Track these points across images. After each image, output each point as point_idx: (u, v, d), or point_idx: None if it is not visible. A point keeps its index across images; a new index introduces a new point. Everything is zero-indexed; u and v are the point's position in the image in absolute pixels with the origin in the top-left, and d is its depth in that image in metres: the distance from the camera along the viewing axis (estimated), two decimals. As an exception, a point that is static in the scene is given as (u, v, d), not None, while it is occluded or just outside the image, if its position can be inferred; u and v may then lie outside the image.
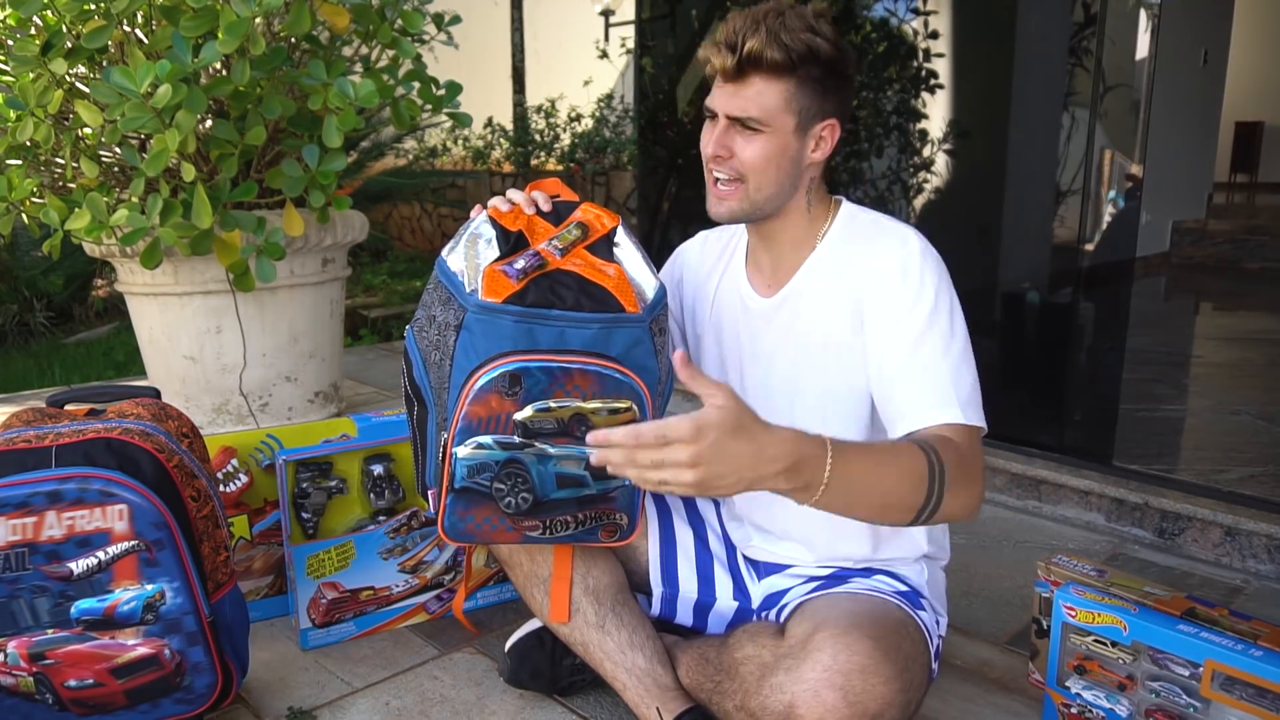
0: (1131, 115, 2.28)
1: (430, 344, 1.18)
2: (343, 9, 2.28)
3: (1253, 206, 6.97)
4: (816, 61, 1.18)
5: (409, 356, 1.24)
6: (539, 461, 1.15)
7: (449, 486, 1.16)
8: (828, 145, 1.24)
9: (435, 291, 1.20)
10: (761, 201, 1.24)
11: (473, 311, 1.12)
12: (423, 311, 1.22)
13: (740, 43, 1.17)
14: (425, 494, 1.26)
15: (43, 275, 5.70)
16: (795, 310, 1.29)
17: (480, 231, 1.20)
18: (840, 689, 1.04)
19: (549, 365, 1.11)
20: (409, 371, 1.24)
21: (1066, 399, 2.37)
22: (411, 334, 1.24)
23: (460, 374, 1.12)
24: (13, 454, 1.21)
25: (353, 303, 5.26)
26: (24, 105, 2.11)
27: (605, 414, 1.15)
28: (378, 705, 1.46)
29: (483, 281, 1.13)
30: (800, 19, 1.17)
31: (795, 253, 1.30)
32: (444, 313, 1.17)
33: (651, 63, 3.59)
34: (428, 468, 1.23)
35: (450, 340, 1.14)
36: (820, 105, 1.21)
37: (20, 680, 1.25)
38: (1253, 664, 1.15)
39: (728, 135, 1.22)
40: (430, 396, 1.19)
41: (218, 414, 2.56)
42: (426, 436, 1.21)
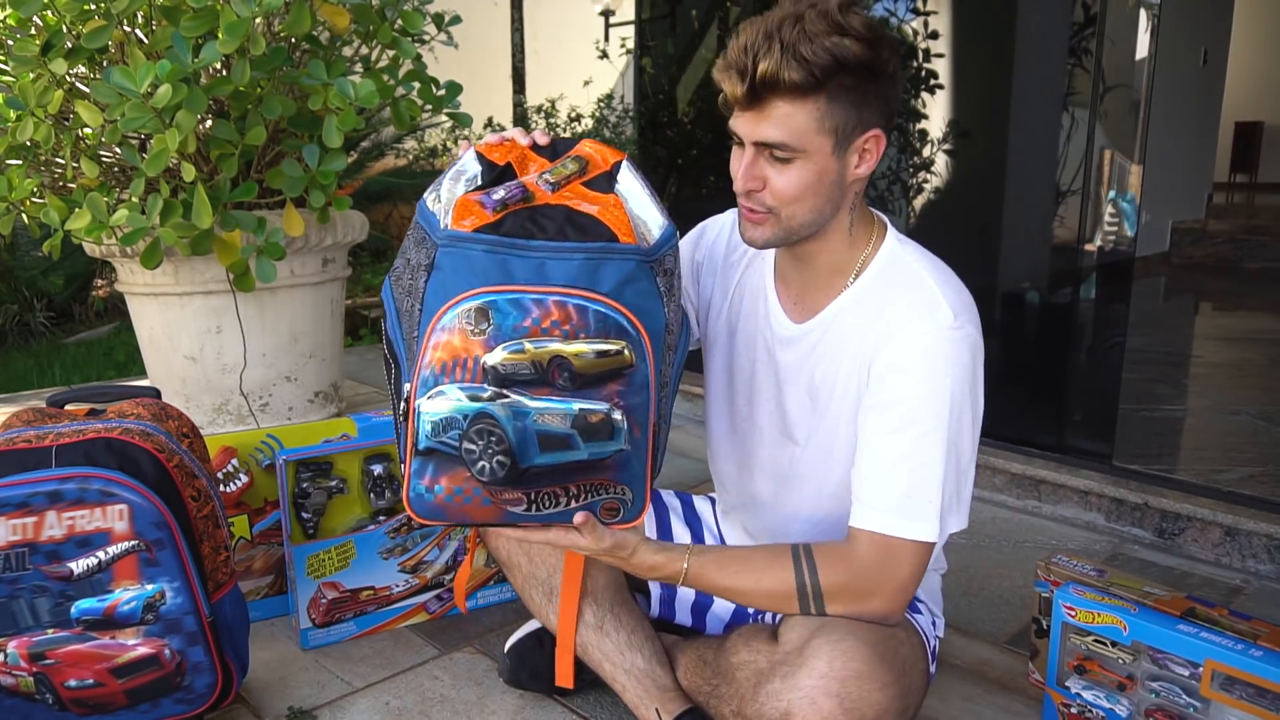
0: (1131, 115, 2.27)
1: (404, 290, 1.04)
2: (343, 9, 2.28)
3: (1252, 206, 6.97)
4: (846, 69, 1.03)
5: (384, 308, 1.10)
6: (515, 417, 0.97)
7: (414, 446, 0.98)
8: (873, 158, 1.11)
9: (412, 234, 1.06)
10: (797, 228, 1.14)
11: (442, 245, 0.97)
12: (400, 259, 1.07)
13: (751, 66, 1.03)
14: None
15: (43, 275, 5.71)
16: (816, 347, 1.22)
17: (464, 168, 1.05)
18: (837, 696, 1.03)
19: (519, 297, 0.95)
20: (383, 330, 1.10)
21: (1066, 399, 2.37)
22: (388, 284, 1.09)
23: (428, 317, 0.97)
24: (13, 454, 1.21)
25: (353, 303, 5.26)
26: (24, 105, 2.11)
27: (591, 356, 0.97)
28: (378, 705, 1.46)
29: (453, 211, 0.99)
30: (824, 20, 1.02)
31: (830, 280, 1.20)
32: (417, 254, 1.02)
33: (651, 63, 3.59)
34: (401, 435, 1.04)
35: (421, 282, 0.99)
36: (859, 116, 1.07)
37: (20, 680, 1.25)
38: (1253, 664, 1.15)
39: (756, 164, 1.10)
40: (402, 350, 1.04)
41: (218, 414, 2.56)
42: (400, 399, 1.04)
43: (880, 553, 1.11)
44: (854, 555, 1.12)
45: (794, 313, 1.25)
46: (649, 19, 3.60)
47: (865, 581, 1.11)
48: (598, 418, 0.99)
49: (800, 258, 1.22)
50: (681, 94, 3.45)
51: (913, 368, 1.10)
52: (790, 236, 1.15)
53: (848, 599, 1.11)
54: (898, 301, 1.14)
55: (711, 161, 3.38)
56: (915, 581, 1.12)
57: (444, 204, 1.02)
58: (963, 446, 1.13)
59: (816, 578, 1.11)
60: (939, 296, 1.12)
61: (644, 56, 3.62)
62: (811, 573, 1.11)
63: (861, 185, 1.16)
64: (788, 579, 1.12)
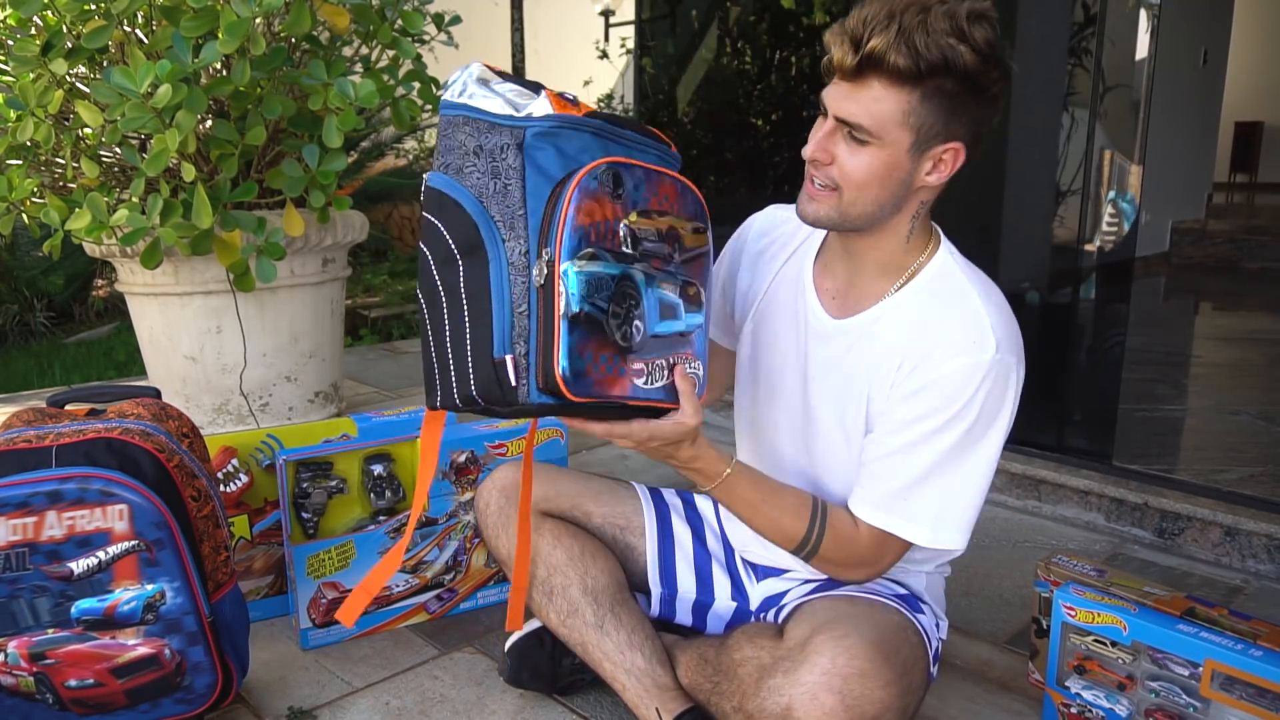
0: (1131, 115, 2.28)
1: (483, 175, 1.02)
2: (343, 9, 2.28)
3: (1252, 206, 6.98)
4: (951, 73, 1.02)
5: (448, 199, 1.04)
6: (647, 281, 1.04)
7: (562, 314, 0.97)
8: (947, 170, 1.10)
9: (465, 128, 1.03)
10: (854, 216, 1.12)
11: (541, 127, 0.99)
12: (451, 155, 1.05)
13: (865, 38, 1.02)
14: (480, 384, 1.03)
15: (43, 275, 5.71)
16: (853, 347, 1.20)
17: (485, 76, 1.06)
18: (838, 692, 1.04)
19: (643, 170, 1.03)
20: (448, 220, 1.04)
21: (1066, 399, 2.37)
22: (447, 179, 1.05)
23: (543, 183, 0.99)
24: (13, 454, 1.21)
25: (353, 303, 5.26)
26: (24, 105, 2.11)
27: (690, 232, 1.08)
28: (378, 705, 1.46)
29: (550, 101, 1.02)
30: (948, 19, 1.01)
31: (878, 280, 1.19)
32: (491, 138, 1.01)
33: (651, 63, 3.59)
34: (495, 329, 1.01)
35: (513, 160, 1.00)
36: (946, 124, 1.06)
37: (20, 680, 1.25)
38: (1252, 664, 1.15)
39: (832, 139, 1.09)
40: (497, 231, 1.01)
41: (218, 414, 2.56)
42: (490, 289, 1.02)
43: (877, 544, 1.19)
44: (857, 539, 1.20)
45: (832, 308, 1.24)
46: (649, 19, 3.60)
47: (856, 561, 1.21)
48: (693, 290, 1.10)
49: (850, 252, 1.21)
50: (681, 94, 3.45)
51: (945, 390, 1.11)
52: (845, 222, 1.14)
53: (835, 567, 1.23)
54: (946, 322, 1.13)
55: (712, 161, 3.38)
56: (891, 566, 1.23)
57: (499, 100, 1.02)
58: (975, 471, 1.15)
59: (821, 541, 1.20)
60: (986, 324, 1.11)
61: (644, 56, 3.62)
62: (819, 537, 1.20)
63: (930, 195, 1.15)
64: (799, 531, 1.20)
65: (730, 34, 3.26)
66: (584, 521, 1.45)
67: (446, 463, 1.68)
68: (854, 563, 1.21)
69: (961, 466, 1.14)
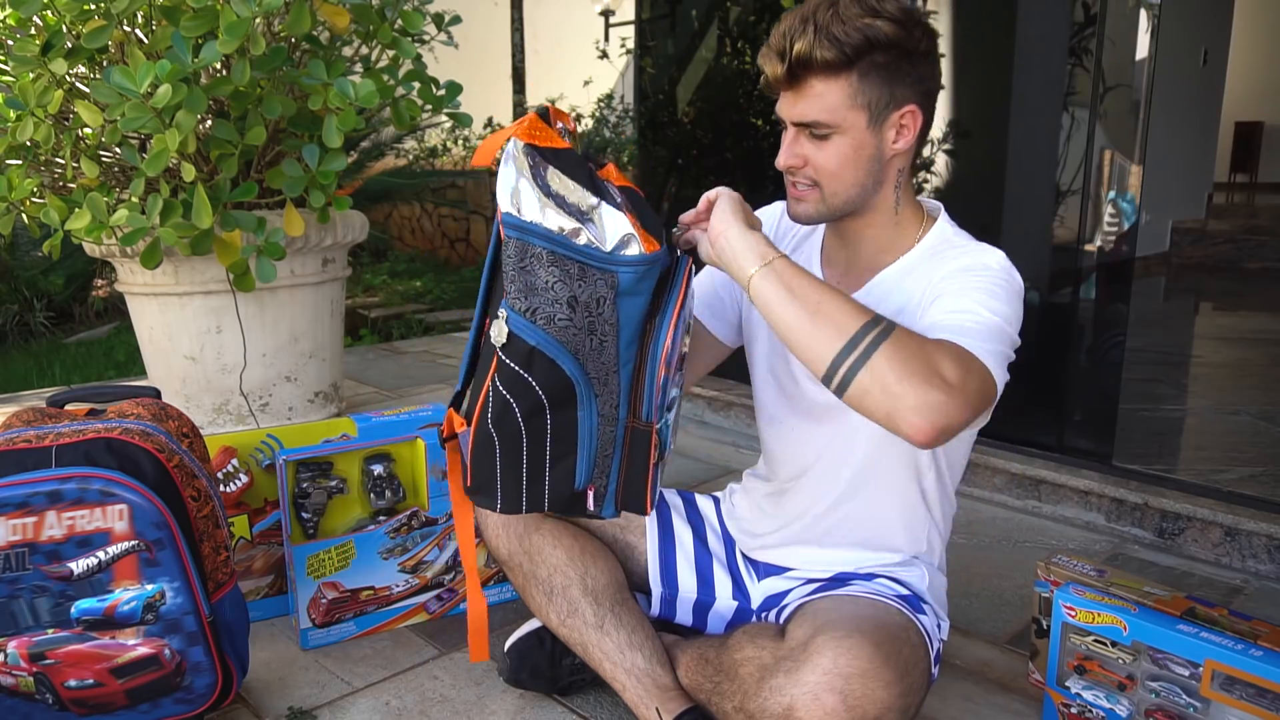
0: (1131, 115, 2.27)
1: (580, 330, 1.02)
2: (343, 9, 2.28)
3: (1252, 206, 6.98)
4: (878, 48, 1.08)
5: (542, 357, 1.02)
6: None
7: (655, 462, 1.08)
8: (910, 133, 1.15)
9: (551, 268, 1.00)
10: (840, 204, 1.18)
11: (634, 270, 1.01)
12: (538, 299, 1.01)
13: (788, 47, 1.09)
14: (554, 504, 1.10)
15: (43, 275, 5.71)
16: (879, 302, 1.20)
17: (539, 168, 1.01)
18: (840, 692, 1.04)
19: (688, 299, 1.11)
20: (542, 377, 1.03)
21: (1066, 399, 2.37)
22: (538, 333, 1.01)
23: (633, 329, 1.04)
24: (13, 454, 1.21)
25: (353, 303, 5.26)
26: (24, 105, 2.11)
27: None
28: (378, 705, 1.46)
29: (636, 234, 1.01)
30: (859, 4, 1.08)
31: (877, 256, 1.23)
32: (586, 287, 1.01)
33: (651, 63, 3.59)
34: (580, 469, 1.08)
35: (610, 315, 1.02)
36: (893, 92, 1.11)
37: (20, 680, 1.25)
38: (1253, 664, 1.15)
39: (798, 143, 1.15)
40: (592, 388, 1.05)
41: (218, 414, 2.56)
42: (578, 438, 1.07)
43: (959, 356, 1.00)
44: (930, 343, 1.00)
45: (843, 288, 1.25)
46: (649, 19, 3.60)
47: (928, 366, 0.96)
48: None
49: (846, 237, 1.25)
50: (681, 94, 3.45)
51: (972, 271, 1.13)
52: (834, 212, 1.19)
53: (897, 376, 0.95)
54: (950, 253, 1.18)
55: (711, 162, 3.38)
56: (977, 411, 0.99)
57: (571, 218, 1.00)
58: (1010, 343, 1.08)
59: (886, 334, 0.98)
60: (985, 248, 1.17)
61: (644, 56, 3.62)
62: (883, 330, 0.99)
63: (904, 162, 1.19)
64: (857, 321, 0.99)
65: (730, 34, 3.26)
66: (584, 521, 1.45)
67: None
68: (928, 370, 0.96)
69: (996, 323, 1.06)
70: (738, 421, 2.92)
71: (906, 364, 0.95)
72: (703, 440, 2.84)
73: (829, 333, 0.99)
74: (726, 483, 1.74)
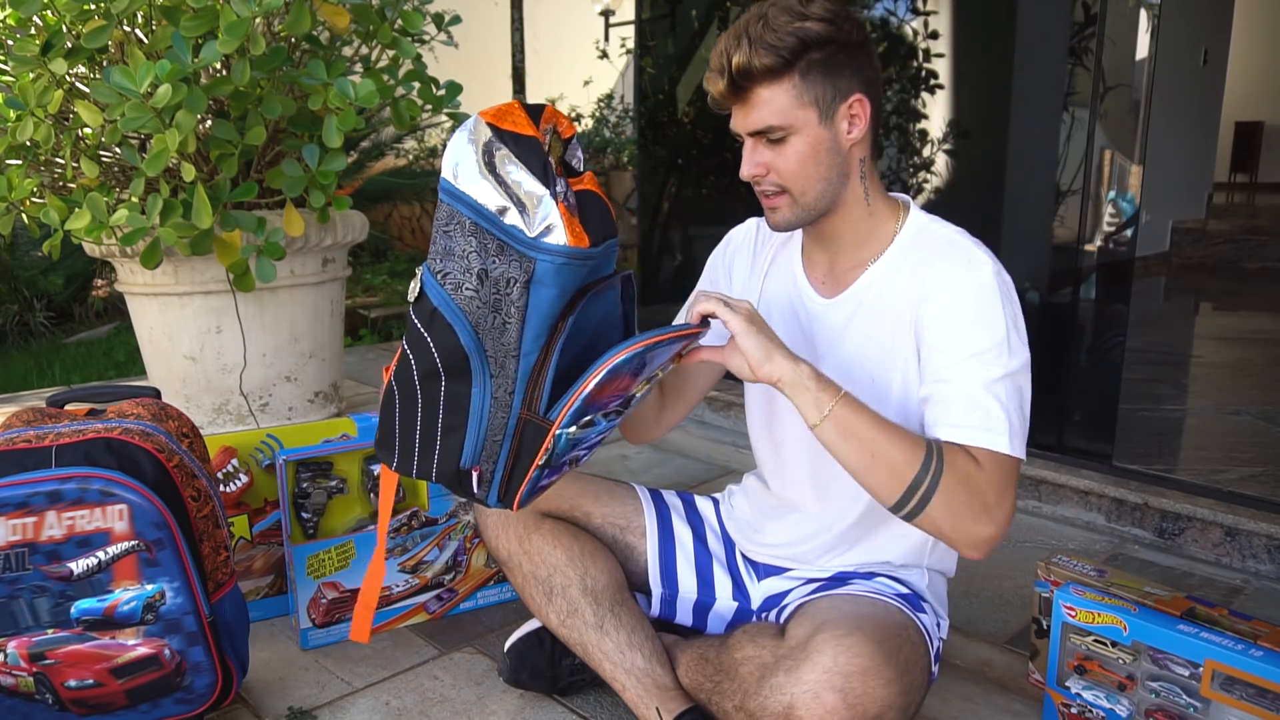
0: (1131, 115, 2.27)
1: (484, 305, 1.02)
2: (343, 9, 2.28)
3: (1253, 206, 6.98)
4: (813, 46, 1.11)
5: (442, 319, 1.03)
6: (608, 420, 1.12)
7: (540, 465, 1.06)
8: (862, 121, 1.17)
9: (471, 237, 1.01)
10: (811, 203, 1.19)
11: (552, 261, 0.99)
12: (452, 264, 1.03)
13: (727, 62, 1.13)
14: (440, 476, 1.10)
15: (43, 275, 5.70)
16: (854, 316, 1.23)
17: (492, 147, 1.01)
18: (840, 691, 1.04)
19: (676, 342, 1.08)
20: (439, 340, 1.04)
21: (1066, 399, 2.37)
22: (444, 294, 1.03)
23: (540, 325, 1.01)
24: (13, 454, 1.21)
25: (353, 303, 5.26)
26: (24, 105, 2.11)
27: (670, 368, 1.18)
28: (378, 705, 1.46)
29: (563, 224, 0.99)
30: (786, 12, 1.12)
31: (857, 251, 1.24)
32: (500, 265, 1.00)
33: (651, 63, 3.59)
34: (467, 446, 1.07)
35: (519, 299, 1.00)
36: (835, 85, 1.14)
37: (20, 680, 1.25)
38: (1253, 664, 1.15)
39: (757, 152, 1.17)
40: (485, 366, 1.04)
41: (218, 414, 2.56)
42: (469, 412, 1.05)
43: (988, 462, 1.08)
44: (978, 474, 1.08)
45: (824, 291, 1.28)
46: (649, 19, 3.60)
47: (975, 487, 1.07)
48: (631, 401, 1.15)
49: (824, 238, 1.26)
50: (681, 94, 3.45)
51: (967, 311, 1.13)
52: (808, 212, 1.20)
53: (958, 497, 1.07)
54: (934, 263, 1.18)
55: (711, 162, 3.38)
56: (1012, 510, 1.09)
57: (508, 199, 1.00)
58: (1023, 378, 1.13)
59: (942, 453, 1.07)
60: (971, 248, 1.17)
61: (644, 56, 3.62)
62: (938, 446, 1.08)
63: (864, 151, 1.20)
64: (921, 442, 1.08)
65: (730, 34, 3.27)
66: (584, 522, 1.45)
67: (446, 463, 1.68)
68: (978, 508, 1.07)
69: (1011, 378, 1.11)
70: (738, 421, 2.92)
71: (958, 510, 1.07)
72: (703, 440, 2.84)
73: (888, 481, 1.08)
74: (726, 483, 1.74)
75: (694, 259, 3.43)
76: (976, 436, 1.09)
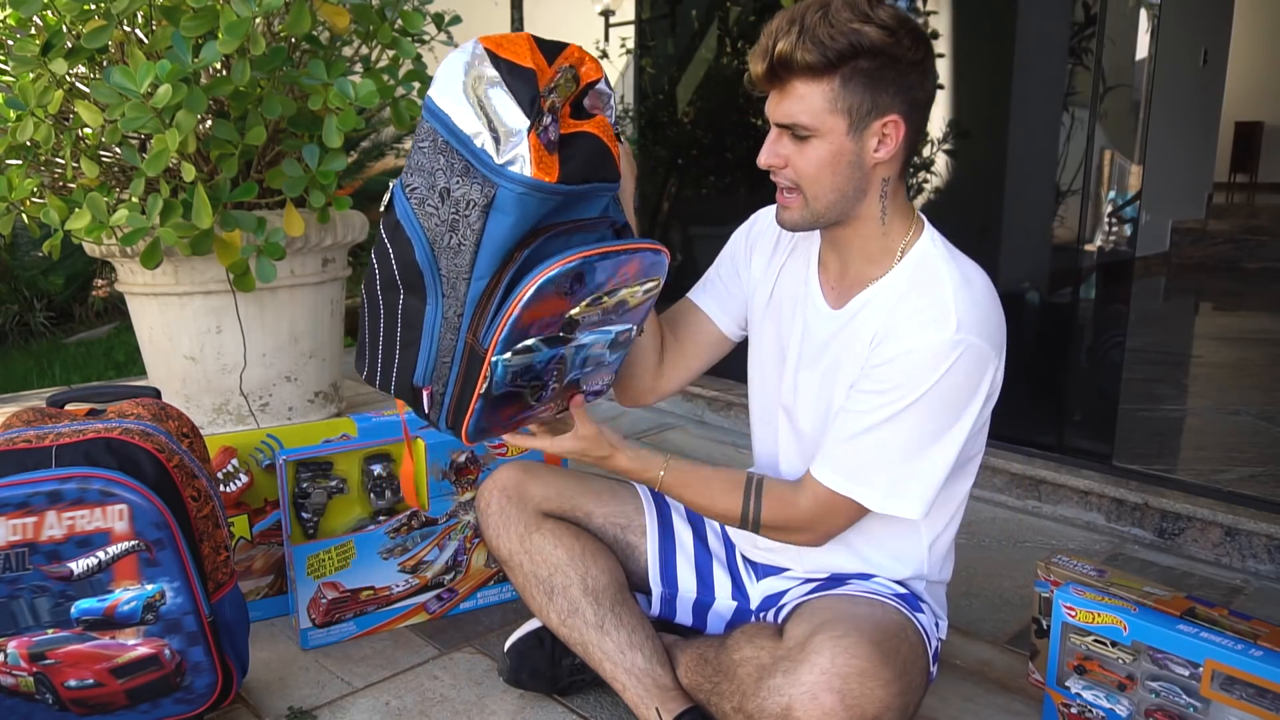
0: (1131, 115, 2.27)
1: (442, 224, 1.02)
2: (343, 9, 2.28)
3: (1253, 206, 6.97)
4: (863, 54, 1.06)
5: (403, 233, 1.04)
6: (576, 352, 1.10)
7: (481, 393, 1.04)
8: (892, 142, 1.12)
9: (440, 155, 1.02)
10: (822, 210, 1.16)
11: (513, 189, 0.98)
12: (420, 179, 1.03)
13: (771, 46, 1.09)
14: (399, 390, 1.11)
15: (43, 275, 5.70)
16: (840, 334, 1.23)
17: (482, 71, 1.00)
18: (838, 692, 1.04)
19: (610, 259, 1.04)
20: (399, 254, 1.05)
21: (1066, 399, 2.37)
22: (409, 208, 1.04)
23: (494, 252, 1.00)
24: (13, 454, 1.21)
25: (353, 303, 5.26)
26: (24, 105, 2.11)
27: (640, 294, 1.13)
28: (378, 705, 1.46)
29: (531, 155, 0.97)
30: (850, 9, 1.07)
31: (866, 267, 1.22)
32: (462, 186, 1.00)
33: (651, 63, 3.59)
34: (420, 363, 1.08)
35: (476, 222, 1.00)
36: (874, 100, 1.09)
37: (20, 680, 1.25)
38: (1253, 664, 1.15)
39: (779, 143, 1.15)
40: (438, 285, 1.04)
41: (218, 414, 2.56)
42: (422, 329, 1.07)
43: (822, 506, 1.20)
44: (797, 503, 1.21)
45: (831, 298, 1.27)
46: (649, 19, 3.60)
47: (799, 523, 1.22)
48: (625, 335, 1.16)
49: (837, 245, 1.24)
50: (681, 94, 3.45)
51: (906, 367, 1.12)
52: (818, 219, 1.18)
53: (779, 531, 1.25)
54: (912, 302, 1.15)
55: (711, 161, 3.38)
56: (844, 529, 1.23)
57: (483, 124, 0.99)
58: (934, 444, 1.14)
59: (760, 511, 1.23)
60: (950, 307, 1.12)
61: (644, 56, 3.62)
62: (757, 508, 1.23)
63: (890, 171, 1.16)
64: (735, 507, 1.25)
65: (730, 34, 3.26)
66: (584, 521, 1.45)
67: (446, 463, 1.68)
68: (798, 526, 1.22)
69: (920, 440, 1.14)
70: (738, 421, 2.92)
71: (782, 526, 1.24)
72: (703, 440, 2.84)
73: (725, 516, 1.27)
74: (726, 483, 1.74)
75: (694, 259, 3.43)
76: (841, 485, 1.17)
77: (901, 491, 1.16)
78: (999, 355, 1.15)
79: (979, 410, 1.15)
